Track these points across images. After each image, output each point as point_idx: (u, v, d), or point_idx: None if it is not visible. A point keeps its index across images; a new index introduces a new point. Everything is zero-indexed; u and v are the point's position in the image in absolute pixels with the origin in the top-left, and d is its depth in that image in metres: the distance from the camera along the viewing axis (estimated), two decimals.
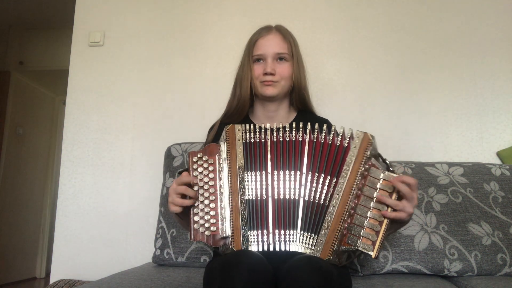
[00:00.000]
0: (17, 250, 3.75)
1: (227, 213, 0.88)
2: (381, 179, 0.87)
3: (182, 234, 1.37)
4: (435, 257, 1.25)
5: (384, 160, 0.92)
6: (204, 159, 0.92)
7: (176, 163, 1.49)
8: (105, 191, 1.76)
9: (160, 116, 1.81)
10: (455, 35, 1.76)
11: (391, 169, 0.90)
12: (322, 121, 1.24)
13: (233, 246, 0.85)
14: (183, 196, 0.89)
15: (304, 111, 1.25)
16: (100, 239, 1.72)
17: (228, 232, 0.86)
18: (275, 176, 0.91)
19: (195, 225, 0.87)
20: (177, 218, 1.00)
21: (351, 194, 0.86)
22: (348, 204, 0.86)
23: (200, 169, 0.91)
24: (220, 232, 0.86)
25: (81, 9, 1.96)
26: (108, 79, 1.87)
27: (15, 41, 3.88)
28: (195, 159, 0.92)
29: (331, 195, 0.88)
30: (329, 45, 1.81)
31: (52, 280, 1.66)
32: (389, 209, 0.85)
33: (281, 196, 0.89)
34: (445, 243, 1.27)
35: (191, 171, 0.91)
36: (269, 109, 1.21)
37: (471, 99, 1.70)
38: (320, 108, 1.27)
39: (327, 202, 0.88)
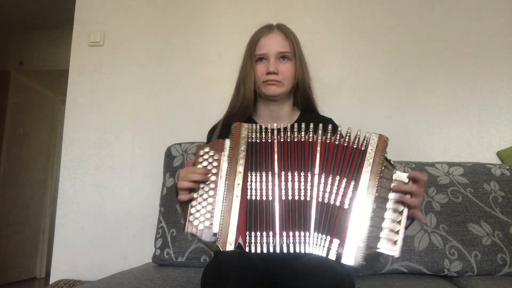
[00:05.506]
0: (17, 250, 3.74)
1: (219, 210, 0.88)
2: (394, 180, 0.87)
3: (182, 234, 1.37)
4: (435, 257, 1.25)
5: (389, 161, 0.91)
6: (210, 153, 0.92)
7: (176, 163, 1.49)
8: (105, 191, 1.76)
9: (160, 116, 1.81)
10: (455, 35, 1.76)
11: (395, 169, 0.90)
12: (326, 120, 1.23)
13: (219, 244, 0.84)
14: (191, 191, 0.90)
15: (307, 111, 1.24)
16: (100, 239, 1.72)
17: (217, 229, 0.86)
18: (283, 177, 0.90)
19: (190, 217, 0.87)
20: (180, 209, 1.00)
21: (374, 196, 0.85)
22: (373, 208, 0.85)
23: (205, 163, 0.91)
24: (213, 228, 0.86)
25: (81, 9, 1.96)
26: (108, 79, 1.87)
27: (15, 41, 3.87)
28: (201, 152, 0.92)
29: (351, 198, 0.86)
30: (329, 45, 1.81)
31: (52, 280, 1.66)
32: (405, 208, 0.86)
33: (290, 197, 0.88)
34: (445, 243, 1.27)
35: (196, 164, 0.91)
36: (272, 109, 1.20)
37: (471, 99, 1.70)
38: (320, 108, 1.26)
39: (346, 205, 0.86)
